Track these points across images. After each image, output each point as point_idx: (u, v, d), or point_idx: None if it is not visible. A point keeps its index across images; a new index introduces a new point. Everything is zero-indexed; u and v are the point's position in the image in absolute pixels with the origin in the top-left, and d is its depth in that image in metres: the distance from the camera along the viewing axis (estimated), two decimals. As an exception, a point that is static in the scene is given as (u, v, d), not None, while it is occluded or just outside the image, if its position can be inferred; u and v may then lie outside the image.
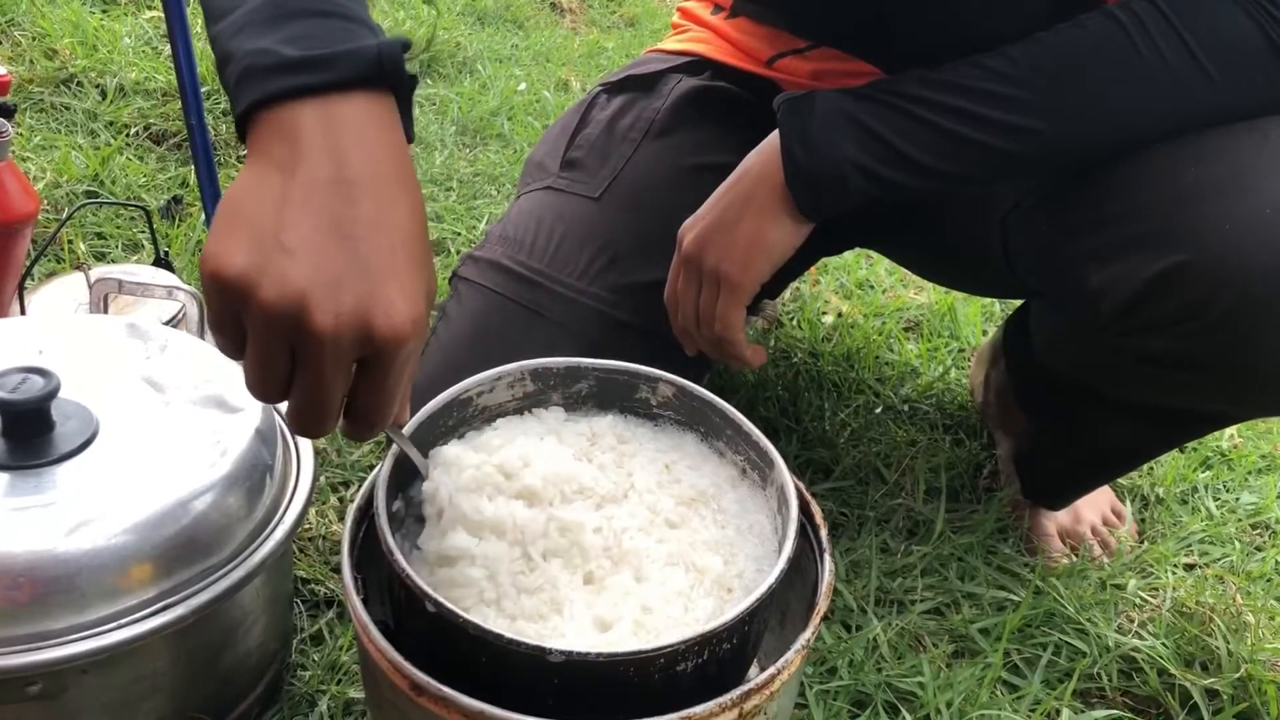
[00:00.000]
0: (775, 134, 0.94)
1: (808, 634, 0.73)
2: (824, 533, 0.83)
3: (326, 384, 0.61)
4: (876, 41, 1.05)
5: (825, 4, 1.04)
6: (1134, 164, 0.91)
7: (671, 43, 1.28)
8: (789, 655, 0.72)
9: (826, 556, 0.81)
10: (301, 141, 0.61)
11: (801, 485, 0.84)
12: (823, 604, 0.77)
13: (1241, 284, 0.84)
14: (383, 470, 0.76)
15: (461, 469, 0.79)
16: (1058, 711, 1.07)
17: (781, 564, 0.73)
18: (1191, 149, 0.89)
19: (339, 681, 0.97)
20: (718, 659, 0.71)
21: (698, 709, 0.67)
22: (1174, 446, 1.24)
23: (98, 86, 1.91)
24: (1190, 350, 0.90)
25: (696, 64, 1.23)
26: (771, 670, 0.71)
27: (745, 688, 0.69)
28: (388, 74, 0.64)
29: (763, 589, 0.71)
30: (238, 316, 0.60)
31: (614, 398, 0.89)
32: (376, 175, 0.62)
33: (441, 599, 0.67)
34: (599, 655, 0.66)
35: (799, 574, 0.84)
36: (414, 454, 0.78)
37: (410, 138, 0.67)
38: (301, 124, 0.62)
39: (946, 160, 0.90)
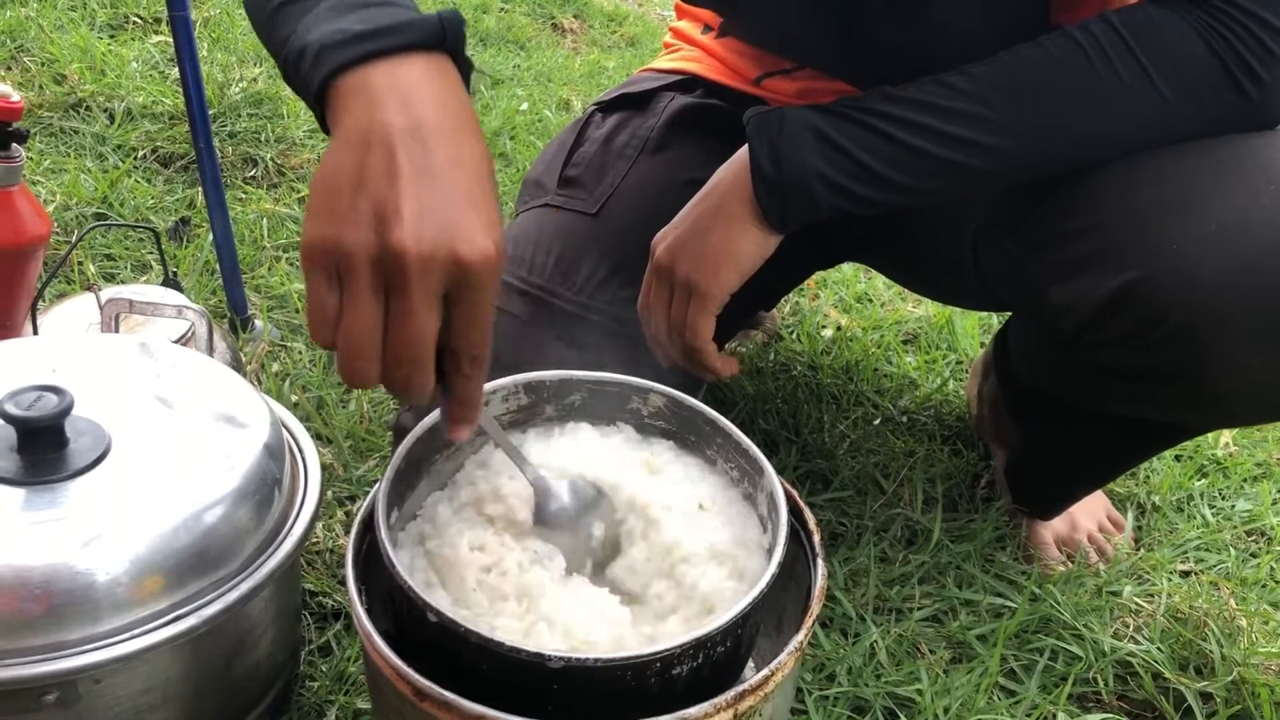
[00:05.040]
0: (745, 148, 0.96)
1: (800, 636, 0.75)
2: (817, 538, 0.84)
3: (419, 313, 0.63)
4: (855, 65, 1.07)
5: (805, 31, 1.06)
6: (1090, 182, 0.94)
7: (664, 61, 1.31)
8: (782, 657, 0.73)
9: (819, 561, 0.82)
10: (375, 99, 0.66)
11: (794, 491, 0.86)
12: (815, 607, 0.78)
13: (1190, 300, 0.87)
14: (383, 484, 0.78)
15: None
16: (1054, 716, 1.08)
17: (772, 568, 0.75)
18: (1144, 168, 0.91)
19: (346, 692, 0.99)
20: (712, 662, 0.72)
21: (693, 710, 0.69)
22: (1154, 454, 1.26)
23: (106, 110, 1.94)
24: (1147, 364, 0.93)
25: (688, 82, 1.25)
26: (765, 671, 0.72)
27: (739, 689, 0.71)
28: (449, 39, 0.70)
29: (754, 593, 0.73)
30: (332, 284, 0.63)
31: (606, 409, 0.91)
32: (445, 121, 0.67)
33: (442, 609, 0.69)
34: (597, 661, 0.68)
35: (794, 579, 0.85)
36: (505, 443, 0.80)
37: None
38: (374, 84, 0.67)
39: (909, 174, 0.92)
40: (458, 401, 0.70)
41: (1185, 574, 1.34)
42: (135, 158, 1.85)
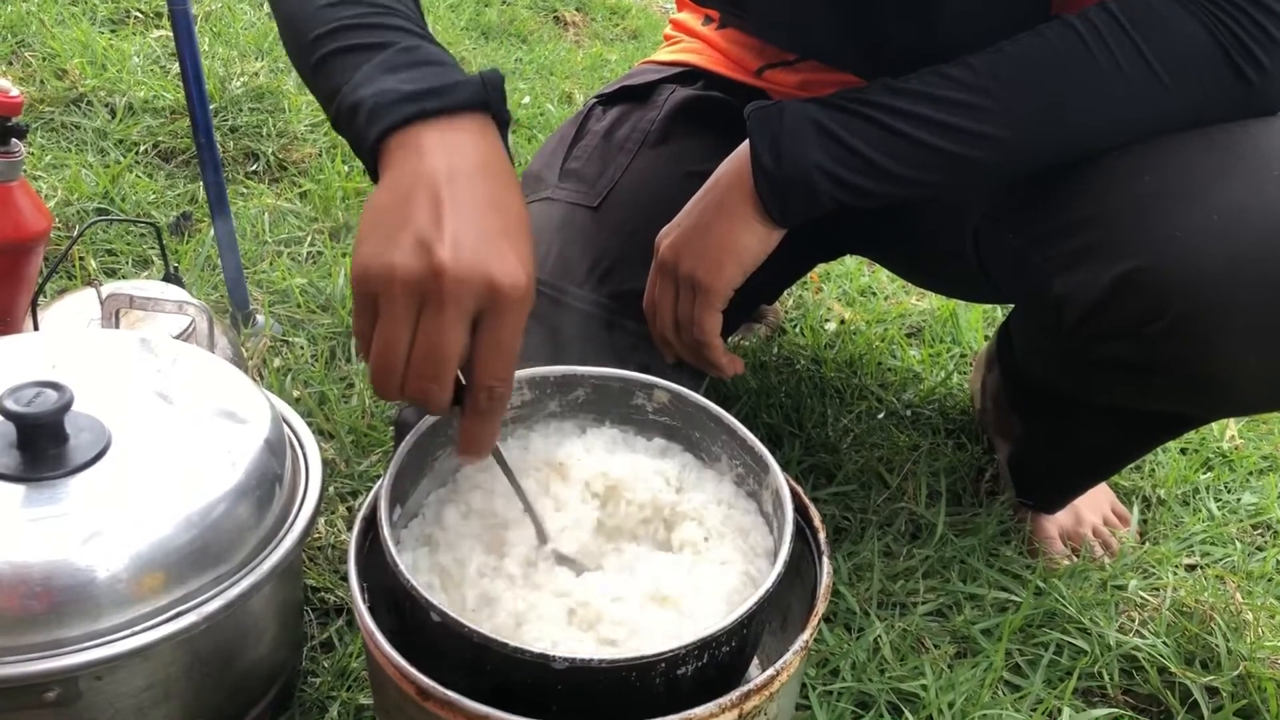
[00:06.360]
0: (746, 142, 0.96)
1: (806, 635, 0.75)
2: (822, 535, 0.84)
3: (447, 327, 0.67)
4: (859, 57, 1.07)
5: (811, 24, 1.06)
6: (1091, 172, 0.93)
7: (664, 54, 1.30)
8: (787, 656, 0.73)
9: (825, 559, 0.82)
10: (424, 151, 0.71)
11: (799, 489, 0.85)
12: (820, 605, 0.78)
13: (1191, 290, 0.86)
14: (385, 481, 0.77)
15: None
16: (1059, 710, 1.08)
17: (778, 567, 0.74)
18: (1145, 157, 0.91)
19: (349, 688, 0.99)
20: (717, 662, 0.72)
21: (698, 710, 0.69)
22: (1158, 446, 1.26)
23: (107, 105, 1.94)
24: (1149, 355, 0.92)
25: (689, 74, 1.25)
26: (770, 671, 0.72)
27: (745, 688, 0.70)
28: (492, 98, 0.75)
29: (760, 593, 0.73)
30: (375, 305, 0.68)
31: (610, 405, 0.91)
32: (485, 172, 0.72)
33: (446, 609, 0.69)
34: (602, 662, 0.68)
35: (799, 577, 0.85)
36: (521, 494, 0.81)
37: (511, 159, 0.77)
38: (423, 140, 0.72)
39: (910, 166, 0.92)
40: (467, 435, 0.73)
41: (1191, 568, 1.34)
42: (136, 153, 1.84)
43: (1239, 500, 1.48)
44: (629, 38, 3.17)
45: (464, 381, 0.71)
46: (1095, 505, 1.37)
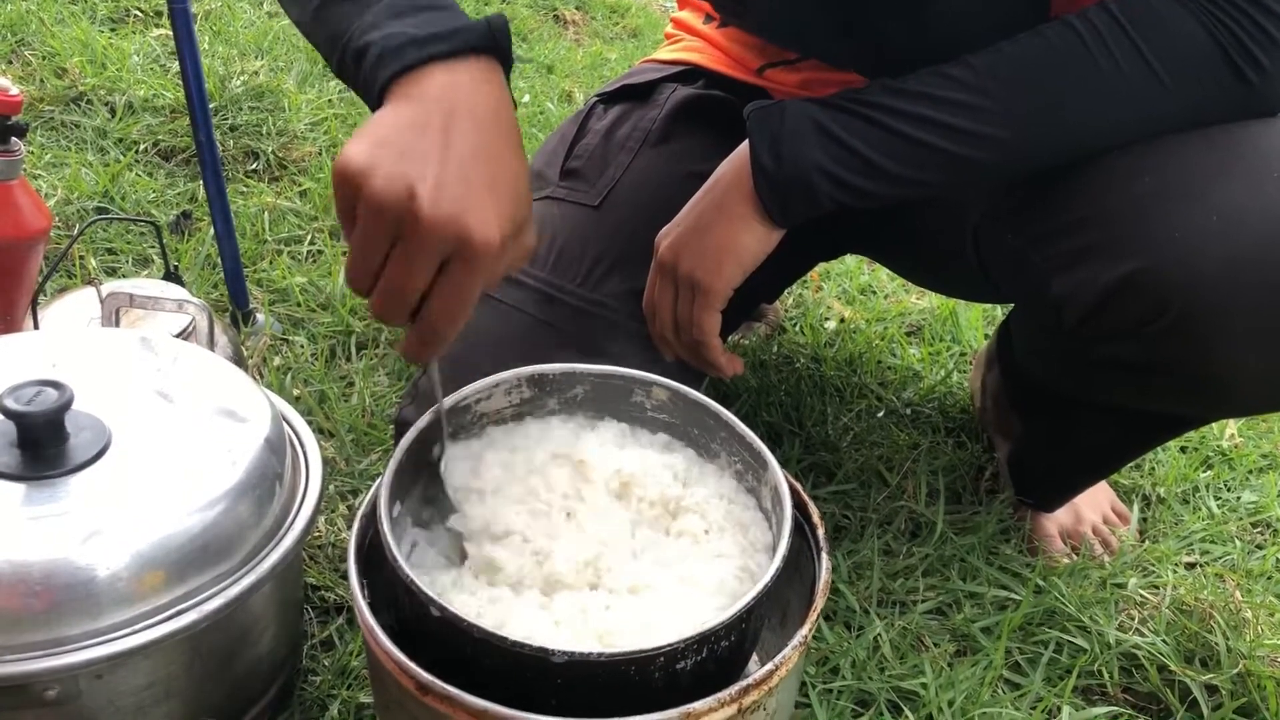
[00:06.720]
0: (746, 143, 0.96)
1: (805, 630, 0.75)
2: (821, 531, 0.84)
3: (415, 268, 0.70)
4: (858, 57, 1.07)
5: (807, 23, 1.06)
6: (1090, 172, 0.93)
7: (665, 52, 1.30)
8: (786, 651, 0.73)
9: (824, 554, 0.82)
10: (430, 92, 0.74)
11: (798, 485, 0.85)
12: (819, 601, 0.78)
13: (1191, 291, 0.87)
14: (386, 478, 0.78)
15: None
16: (1059, 708, 1.08)
17: (776, 562, 0.75)
18: (1144, 157, 0.91)
19: (349, 686, 0.99)
20: (716, 657, 0.72)
21: (697, 704, 0.69)
22: (1157, 445, 1.26)
23: (107, 104, 1.94)
24: (1149, 355, 0.93)
25: (690, 73, 1.25)
26: (770, 666, 0.72)
27: (744, 683, 0.71)
28: (499, 40, 0.77)
29: (758, 587, 0.73)
30: (354, 208, 0.70)
31: (609, 402, 0.91)
32: (488, 118, 0.74)
33: (445, 604, 0.69)
34: (601, 655, 0.68)
35: (799, 573, 0.85)
36: (439, 393, 0.82)
37: (514, 101, 0.79)
38: (431, 82, 0.74)
39: (911, 166, 0.92)
40: (411, 347, 0.75)
41: (1190, 566, 1.34)
42: (136, 151, 1.84)
43: (1239, 498, 1.48)
44: (629, 36, 3.17)
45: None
46: (1095, 503, 1.37)
